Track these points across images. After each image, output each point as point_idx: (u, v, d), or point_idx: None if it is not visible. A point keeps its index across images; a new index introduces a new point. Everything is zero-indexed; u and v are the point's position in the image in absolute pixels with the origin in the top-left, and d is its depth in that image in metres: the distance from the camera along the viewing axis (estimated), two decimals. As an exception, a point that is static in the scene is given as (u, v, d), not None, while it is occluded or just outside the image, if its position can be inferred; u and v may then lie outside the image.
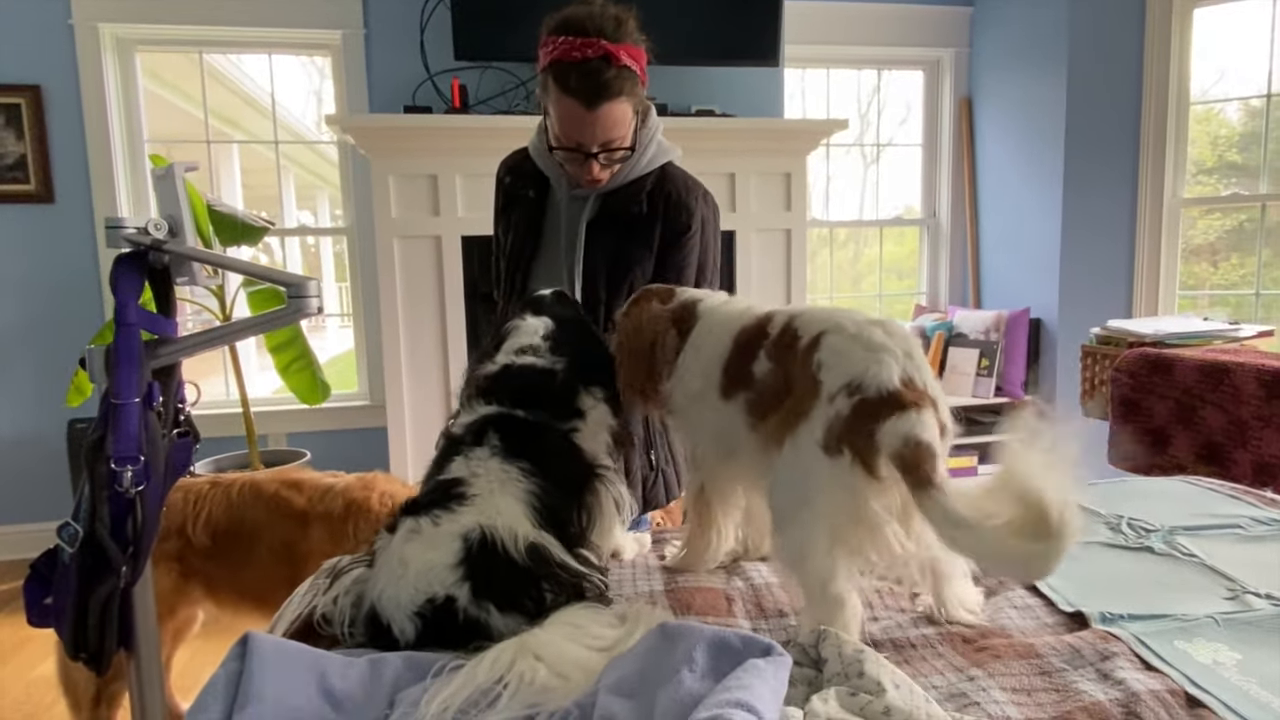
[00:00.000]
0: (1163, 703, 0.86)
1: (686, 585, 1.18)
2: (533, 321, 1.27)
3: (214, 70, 4.43)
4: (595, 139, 1.37)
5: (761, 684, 0.62)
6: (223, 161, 4.33)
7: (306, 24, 3.40)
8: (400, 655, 0.90)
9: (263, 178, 4.63)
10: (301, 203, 7.80)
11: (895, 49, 4.02)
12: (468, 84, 3.15)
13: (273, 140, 3.78)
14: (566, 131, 1.38)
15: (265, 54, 3.61)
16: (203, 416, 3.42)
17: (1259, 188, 3.52)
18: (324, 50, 3.54)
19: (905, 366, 0.92)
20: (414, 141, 2.98)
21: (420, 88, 3.22)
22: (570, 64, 1.31)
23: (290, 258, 4.18)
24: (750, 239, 3.38)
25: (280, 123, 3.89)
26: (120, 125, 3.39)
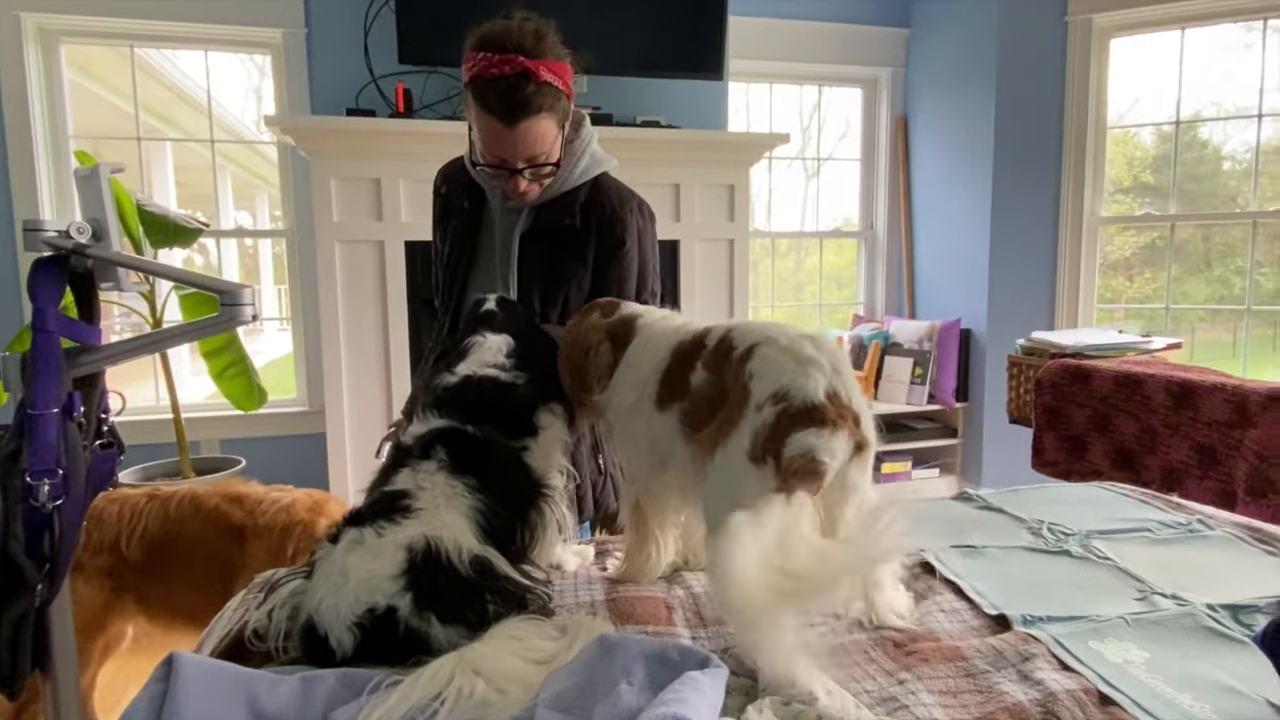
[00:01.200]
0: (1078, 701, 0.90)
1: (627, 595, 1.18)
2: (494, 339, 1.26)
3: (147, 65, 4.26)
4: (518, 155, 1.35)
5: (698, 696, 0.62)
6: (155, 159, 4.16)
7: (245, 21, 3.30)
8: (335, 672, 0.88)
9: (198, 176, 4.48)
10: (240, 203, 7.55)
11: (835, 66, 4.11)
12: (412, 88, 3.10)
13: (208, 139, 3.66)
14: (489, 148, 1.36)
15: (201, 50, 3.48)
16: (132, 423, 3.30)
17: (1169, 208, 3.71)
18: (263, 49, 3.44)
19: (832, 380, 0.94)
20: (357, 144, 2.92)
21: (364, 90, 3.15)
22: (488, 81, 1.29)
23: (227, 259, 4.05)
24: (694, 248, 3.41)
25: (217, 120, 3.77)
26: (43, 120, 3.22)
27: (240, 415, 3.32)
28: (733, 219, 3.44)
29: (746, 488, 0.92)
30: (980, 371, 3.81)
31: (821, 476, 0.90)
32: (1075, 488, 1.73)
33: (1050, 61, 3.59)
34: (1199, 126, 3.71)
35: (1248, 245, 3.57)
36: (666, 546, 1.22)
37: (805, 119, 4.36)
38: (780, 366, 0.95)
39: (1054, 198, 3.67)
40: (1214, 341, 3.76)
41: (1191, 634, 1.07)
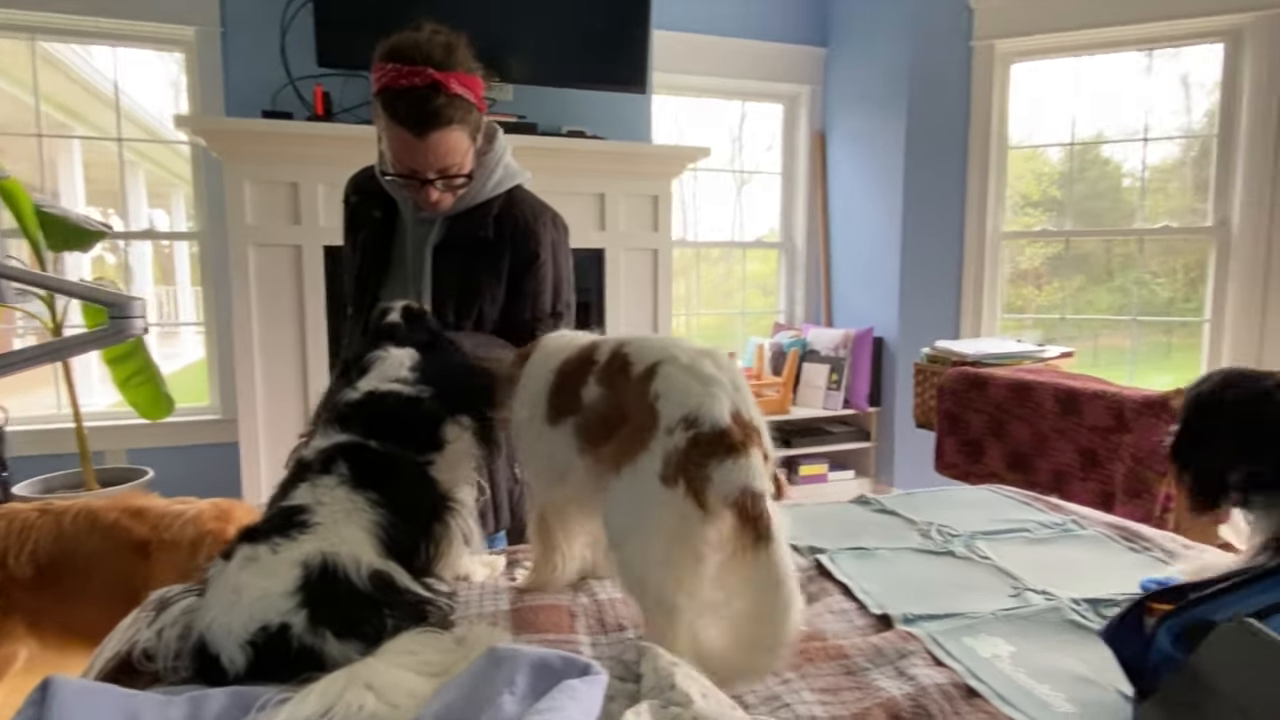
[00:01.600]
0: (945, 695, 0.96)
1: (532, 604, 1.20)
2: (397, 353, 1.25)
3: (51, 57, 4.04)
4: (429, 166, 1.35)
5: (573, 704, 0.64)
6: (62, 156, 3.95)
7: (156, 17, 3.17)
8: (225, 691, 0.87)
9: (110, 173, 4.28)
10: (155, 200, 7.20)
11: (757, 83, 4.21)
12: (331, 91, 3.04)
13: (116, 138, 3.50)
14: (400, 159, 1.35)
15: (109, 45, 3.33)
16: (31, 433, 3.13)
17: (1065, 224, 3.93)
18: (176, 46, 3.32)
19: (734, 399, 0.98)
20: (273, 147, 2.85)
21: (281, 92, 3.07)
22: (398, 91, 1.29)
23: (140, 260, 3.88)
24: (619, 257, 3.44)
25: (131, 116, 3.61)
26: (-68, 113, 3.03)
27: (149, 424, 3.19)
28: (656, 229, 3.50)
29: (656, 508, 0.94)
30: (891, 378, 3.96)
31: (764, 500, 0.93)
32: (965, 490, 1.83)
33: (956, 84, 3.77)
34: (1101, 146, 3.95)
35: (1139, 258, 3.82)
36: (572, 556, 1.24)
37: (734, 132, 4.46)
38: (686, 388, 0.97)
39: (959, 214, 3.85)
40: (1115, 348, 4.00)
41: (1056, 628, 1.15)
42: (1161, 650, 0.84)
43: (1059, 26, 3.65)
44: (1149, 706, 0.81)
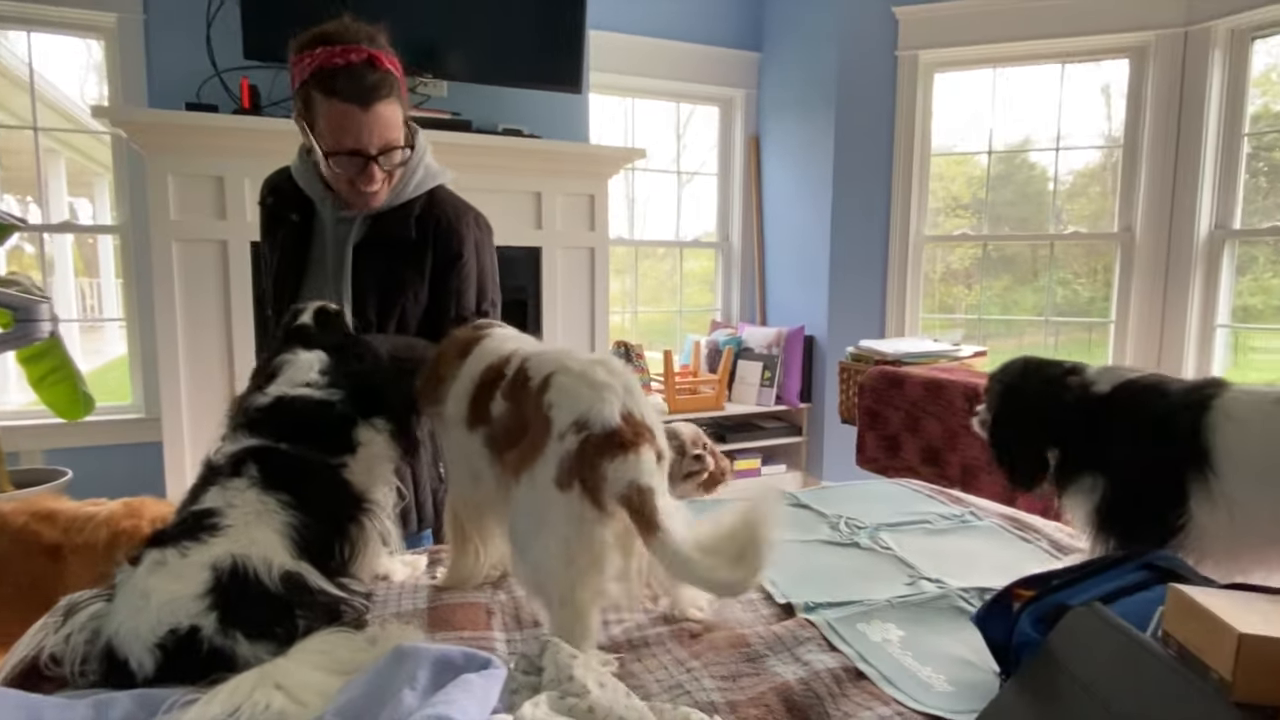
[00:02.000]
0: (835, 678, 1.02)
1: (449, 602, 1.22)
2: (306, 356, 1.25)
3: (-42, 39, 3.84)
4: (373, 141, 1.36)
5: (468, 697, 0.67)
6: (-30, 142, 3.76)
7: (75, 2, 3.05)
8: (130, 694, 0.87)
9: (25, 159, 4.09)
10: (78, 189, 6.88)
11: (694, 85, 4.27)
12: (259, 84, 2.97)
13: (32, 125, 3.35)
14: (341, 138, 1.35)
15: (23, 30, 3.19)
16: (-66, 434, 2.98)
17: (989, 228, 4.11)
18: (95, 33, 3.20)
19: (625, 401, 1.02)
20: (198, 140, 2.77)
21: (206, 84, 2.99)
22: (335, 69, 1.31)
23: (61, 251, 3.73)
24: (556, 255, 3.46)
25: (48, 103, 3.46)
26: None
27: (68, 424, 3.08)
28: (593, 228, 3.52)
29: (554, 513, 0.98)
30: (821, 375, 4.08)
31: (656, 496, 0.97)
32: (876, 484, 1.91)
33: (882, 92, 3.90)
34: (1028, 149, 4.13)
35: (1063, 260, 4.02)
36: (487, 552, 1.26)
37: (680, 130, 4.51)
38: (576, 394, 1.01)
39: (885, 217, 3.98)
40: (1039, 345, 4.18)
41: (944, 614, 1.23)
42: (1024, 633, 0.92)
43: (980, 39, 3.81)
44: (1010, 685, 0.89)
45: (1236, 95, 3.45)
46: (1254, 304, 3.61)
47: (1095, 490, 1.24)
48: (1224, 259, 3.53)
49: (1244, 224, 3.50)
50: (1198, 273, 3.56)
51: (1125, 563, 0.99)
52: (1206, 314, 3.59)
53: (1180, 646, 0.75)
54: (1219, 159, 3.51)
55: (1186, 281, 3.57)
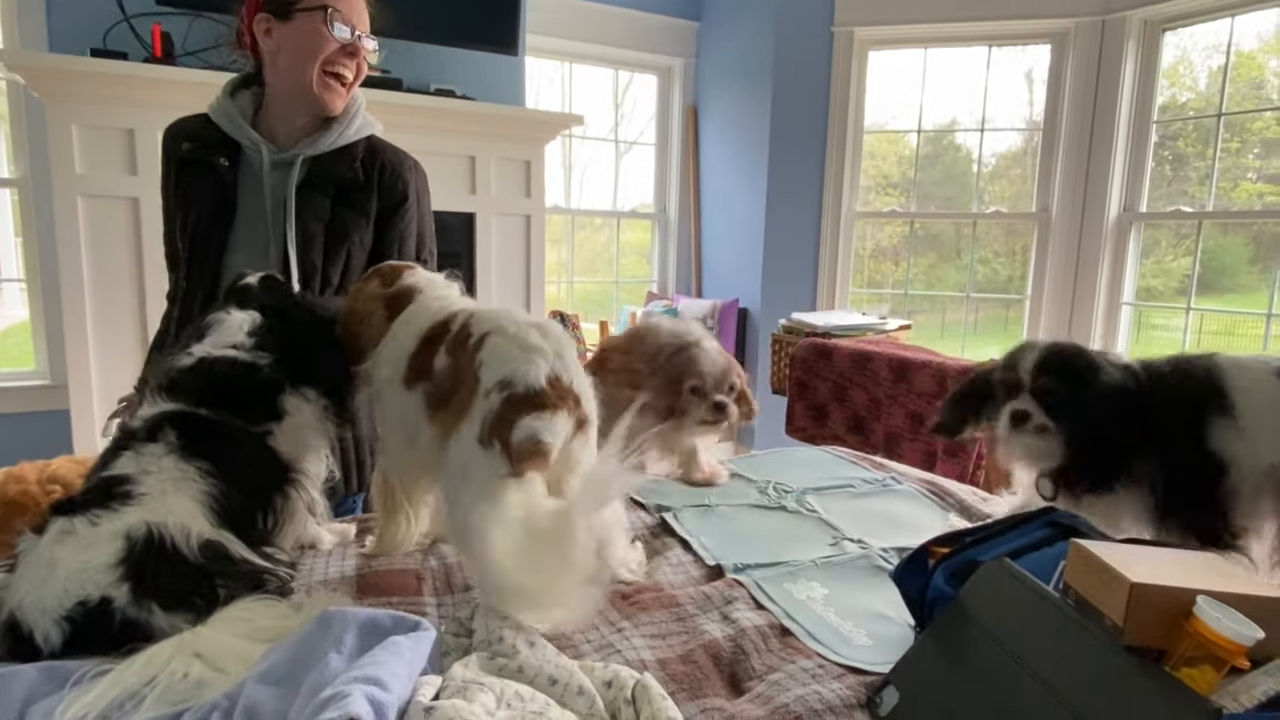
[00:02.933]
0: (762, 635, 1.05)
1: (379, 569, 1.20)
2: (238, 316, 1.20)
3: None
4: (364, 21, 1.44)
5: (395, 659, 0.66)
6: None
7: (-40, -67, 2.79)
8: (36, 666, 0.83)
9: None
10: (-33, 140, 6.38)
11: (632, 53, 4.22)
12: (172, 32, 2.79)
13: (-87, 66, 3.07)
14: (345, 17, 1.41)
15: (-100, -40, 2.91)
16: None
17: (911, 207, 4.22)
18: (-14, -32, 2.94)
19: (554, 365, 1.02)
20: (105, 90, 2.59)
21: (114, 30, 2.79)
22: None
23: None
24: (490, 222, 3.39)
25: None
26: None
27: (-39, 389, 2.88)
28: (529, 195, 3.46)
29: (477, 470, 0.97)
30: (754, 347, 4.15)
31: (547, 455, 0.97)
32: (803, 451, 1.97)
33: (818, 67, 3.93)
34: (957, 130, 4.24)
35: (984, 239, 4.16)
36: (418, 519, 1.25)
37: (619, 99, 4.46)
38: (506, 355, 1.01)
39: (818, 191, 4.04)
40: (959, 321, 4.35)
41: (865, 573, 1.28)
42: (937, 588, 0.96)
43: (912, 18, 3.87)
44: (925, 637, 0.93)
45: (1147, 84, 3.62)
46: (1155, 285, 3.83)
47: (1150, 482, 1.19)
48: (1130, 240, 3.72)
49: (1149, 208, 3.69)
50: (1107, 253, 3.75)
51: (1031, 521, 1.05)
52: (1114, 292, 3.79)
53: (1079, 597, 0.80)
54: (1129, 145, 3.69)
55: (1096, 261, 3.76)
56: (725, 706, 0.90)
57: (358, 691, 0.59)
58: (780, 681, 0.94)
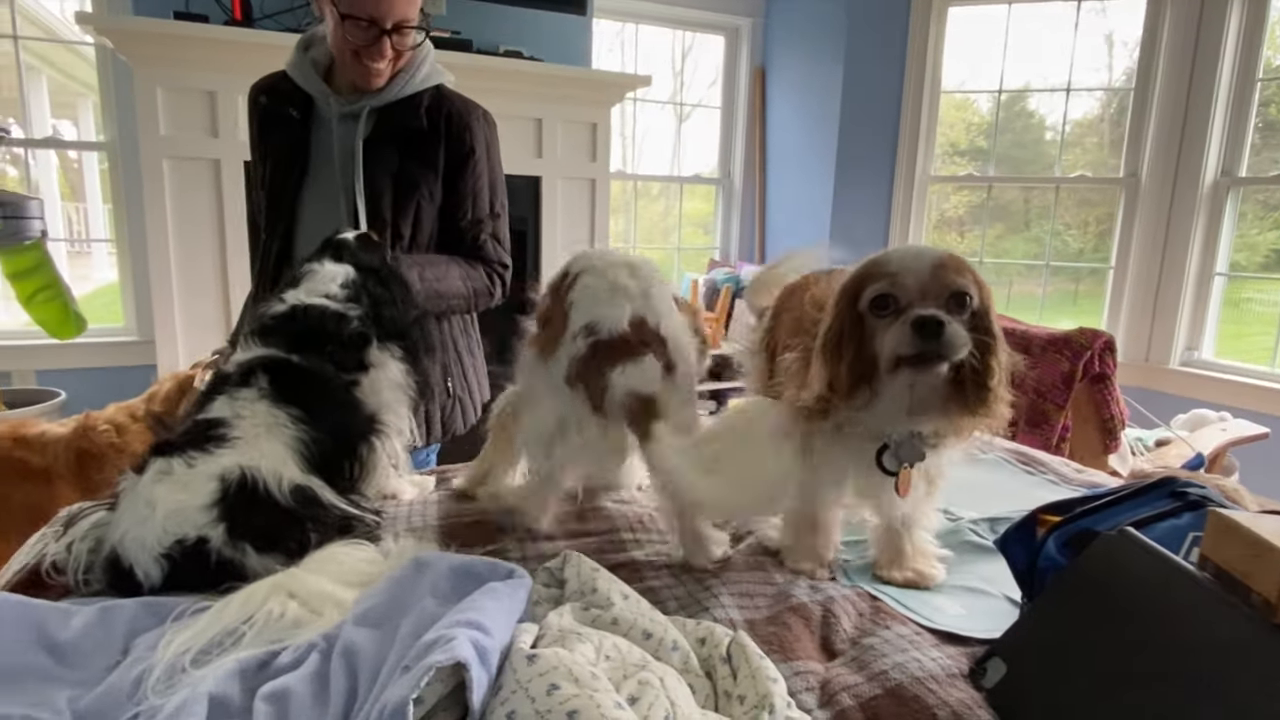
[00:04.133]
0: (850, 601, 1.01)
1: (461, 520, 1.20)
2: (332, 268, 1.20)
3: (-71, -60, 3.60)
4: (390, 13, 1.32)
5: (495, 604, 0.64)
6: (-54, 54, 3.57)
7: (51, -100, 2.85)
8: (137, 601, 0.84)
9: (8, 77, 3.91)
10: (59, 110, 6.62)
11: (700, 12, 4.10)
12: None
13: (11, 34, 3.18)
14: (362, 5, 1.31)
15: (-3, -71, 2.99)
16: (-77, 350, 2.91)
17: (989, 171, 4.02)
18: (75, -65, 3.01)
19: (638, 307, 0.98)
20: (187, 52, 2.63)
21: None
22: None
23: (45, 174, 3.58)
24: (556, 185, 3.36)
25: (28, 14, 3.28)
26: None
27: (61, 344, 3.01)
28: (595, 158, 3.41)
29: (557, 398, 0.97)
30: (820, 315, 4.04)
31: (655, 404, 0.94)
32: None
33: (894, 27, 3.75)
34: (1027, 98, 4.01)
35: (1053, 209, 3.95)
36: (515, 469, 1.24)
37: (677, 64, 4.35)
38: (594, 296, 0.99)
39: (890, 156, 3.88)
40: (1027, 294, 4.16)
41: (954, 547, 1.21)
42: (1049, 557, 0.90)
43: (996, -27, 3.65)
44: (1035, 607, 0.87)
45: (1253, 42, 3.35)
46: (1238, 259, 3.58)
47: None
48: (1227, 207, 3.47)
49: (1249, 172, 3.44)
50: (1200, 220, 3.51)
51: (1150, 491, 0.97)
52: (1205, 262, 3.55)
53: (1218, 570, 0.73)
54: (1229, 107, 3.42)
55: (1188, 229, 3.52)
56: (818, 669, 0.86)
57: (462, 635, 0.57)
58: (875, 646, 0.89)
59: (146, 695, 0.69)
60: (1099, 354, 2.25)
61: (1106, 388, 2.29)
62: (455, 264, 1.47)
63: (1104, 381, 2.27)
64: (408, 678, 0.53)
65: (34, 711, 0.66)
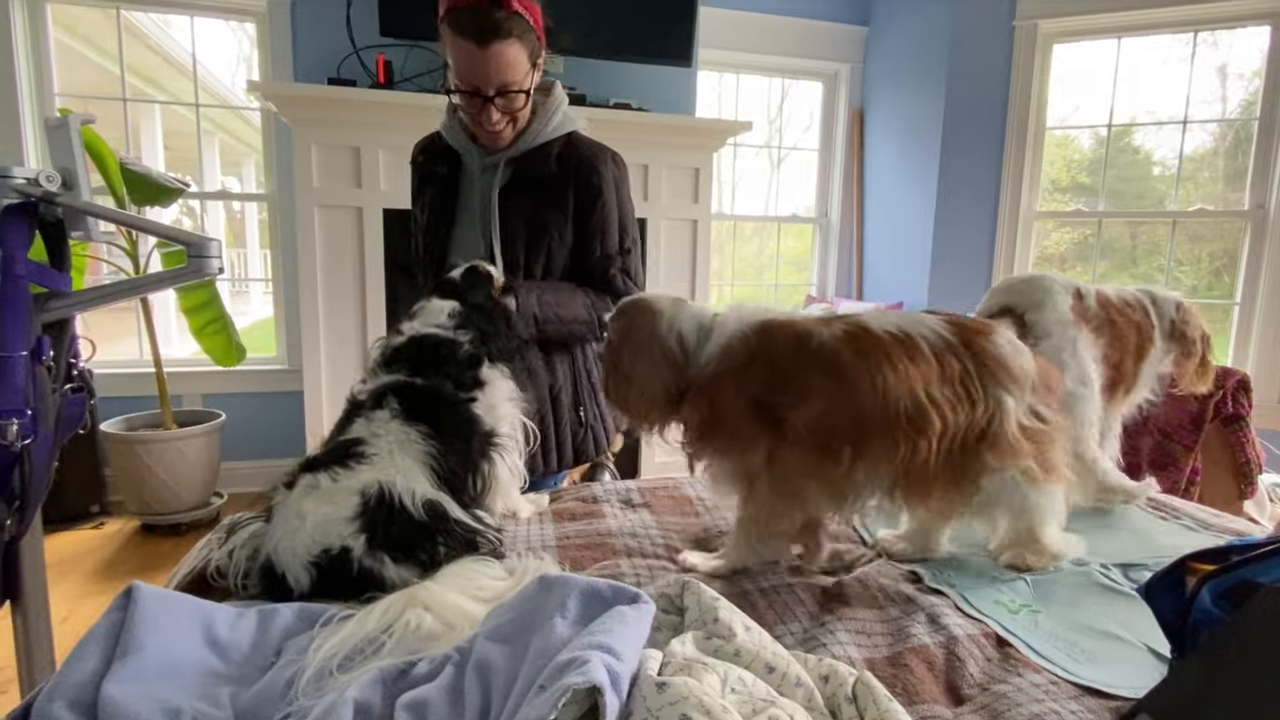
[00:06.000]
0: (977, 644, 0.92)
1: (576, 541, 1.19)
2: (439, 302, 1.25)
3: (134, 28, 4.08)
4: (490, 80, 1.34)
5: (624, 628, 0.62)
6: (144, 122, 4.00)
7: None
8: (292, 606, 0.87)
9: (186, 141, 4.33)
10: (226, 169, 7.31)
11: (798, 60, 4.08)
12: (393, 60, 3.01)
13: (193, 103, 3.52)
14: (463, 75, 1.35)
15: (187, 15, 3.34)
16: (118, 376, 3.21)
17: (1099, 206, 3.77)
18: (249, 16, 3.32)
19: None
20: (337, 113, 2.83)
21: (345, 61, 3.05)
22: (462, 9, 1.30)
23: (213, 222, 3.93)
24: (660, 227, 3.38)
25: (205, 87, 3.63)
26: (27, 77, 3.08)
27: (223, 372, 3.26)
28: (697, 201, 3.42)
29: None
30: (920, 351, 3.87)
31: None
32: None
33: (996, 63, 3.61)
34: (1132, 133, 3.76)
35: (1169, 244, 3.66)
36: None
37: (772, 111, 4.34)
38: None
39: (994, 192, 3.70)
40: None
41: (1085, 590, 1.11)
42: (1204, 609, 0.79)
43: (1103, 7, 3.46)
44: (1189, 663, 0.77)
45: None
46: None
47: None
48: (1372, 239, 3.11)
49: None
50: (1340, 253, 3.16)
51: (1318, 542, 0.85)
52: (1347, 297, 3.19)
53: None
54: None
55: (1326, 262, 3.17)
56: (947, 715, 0.79)
57: (596, 658, 0.55)
58: (1008, 695, 0.81)
59: (297, 696, 0.70)
60: (1232, 393, 2.04)
61: (1241, 429, 2.06)
62: (581, 292, 1.49)
63: (1238, 422, 2.05)
64: (544, 698, 0.52)
65: (201, 705, 0.69)
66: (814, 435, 1.00)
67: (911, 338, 1.03)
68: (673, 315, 1.11)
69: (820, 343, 1.02)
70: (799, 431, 1.01)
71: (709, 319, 1.11)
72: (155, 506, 2.93)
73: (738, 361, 1.04)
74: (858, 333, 1.03)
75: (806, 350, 1.02)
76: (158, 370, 2.97)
